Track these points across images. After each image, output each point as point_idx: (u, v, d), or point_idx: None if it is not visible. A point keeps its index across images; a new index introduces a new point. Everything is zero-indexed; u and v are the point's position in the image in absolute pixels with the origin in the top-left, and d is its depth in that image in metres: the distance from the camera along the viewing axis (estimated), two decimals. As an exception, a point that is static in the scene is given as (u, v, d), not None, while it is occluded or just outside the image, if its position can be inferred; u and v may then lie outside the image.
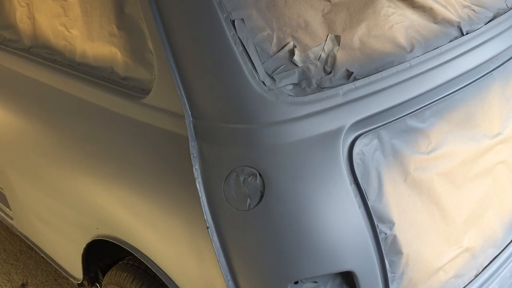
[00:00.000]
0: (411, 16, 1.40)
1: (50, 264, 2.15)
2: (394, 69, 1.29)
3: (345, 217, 1.16)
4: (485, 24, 1.51)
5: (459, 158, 1.37)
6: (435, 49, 1.37)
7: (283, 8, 1.26)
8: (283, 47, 1.23)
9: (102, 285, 1.77)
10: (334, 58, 1.26)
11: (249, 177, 1.16)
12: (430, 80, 1.34)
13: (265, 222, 1.15)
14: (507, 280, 1.51)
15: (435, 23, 1.42)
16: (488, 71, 1.49)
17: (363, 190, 1.19)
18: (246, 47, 1.19)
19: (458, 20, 1.45)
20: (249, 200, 1.16)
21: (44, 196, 1.85)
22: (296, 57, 1.23)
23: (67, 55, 1.59)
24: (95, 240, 1.64)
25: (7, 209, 2.32)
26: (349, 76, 1.25)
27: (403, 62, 1.31)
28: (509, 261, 1.52)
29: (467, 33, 1.45)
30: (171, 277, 1.37)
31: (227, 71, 1.18)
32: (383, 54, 1.30)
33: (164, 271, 1.39)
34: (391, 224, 1.22)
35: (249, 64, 1.19)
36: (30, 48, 1.78)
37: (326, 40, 1.27)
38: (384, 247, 1.20)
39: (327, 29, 1.29)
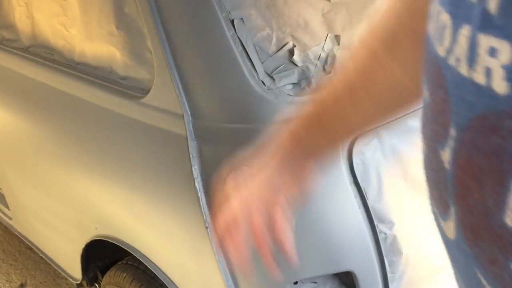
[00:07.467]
0: (411, 16, 1.39)
1: (49, 264, 2.14)
2: (394, 69, 1.28)
3: (345, 217, 1.16)
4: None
5: (459, 158, 1.36)
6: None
7: (283, 7, 1.26)
8: (282, 47, 1.22)
9: (101, 286, 1.77)
10: (334, 57, 1.25)
11: (248, 177, 1.15)
12: (430, 79, 1.33)
13: (264, 222, 1.14)
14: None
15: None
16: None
17: (363, 190, 1.18)
18: (245, 47, 1.19)
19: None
20: (248, 200, 1.15)
21: (43, 196, 1.84)
22: (296, 57, 1.22)
23: (66, 54, 1.58)
24: (94, 240, 1.63)
25: (6, 209, 2.31)
26: (348, 75, 1.24)
27: (403, 62, 1.31)
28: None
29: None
30: (170, 277, 1.37)
31: (226, 71, 1.18)
32: (383, 54, 1.30)
33: (163, 271, 1.38)
34: (391, 224, 1.21)
35: (249, 64, 1.18)
36: (28, 48, 1.78)
37: (325, 40, 1.27)
38: (384, 247, 1.20)
39: (326, 28, 1.28)
